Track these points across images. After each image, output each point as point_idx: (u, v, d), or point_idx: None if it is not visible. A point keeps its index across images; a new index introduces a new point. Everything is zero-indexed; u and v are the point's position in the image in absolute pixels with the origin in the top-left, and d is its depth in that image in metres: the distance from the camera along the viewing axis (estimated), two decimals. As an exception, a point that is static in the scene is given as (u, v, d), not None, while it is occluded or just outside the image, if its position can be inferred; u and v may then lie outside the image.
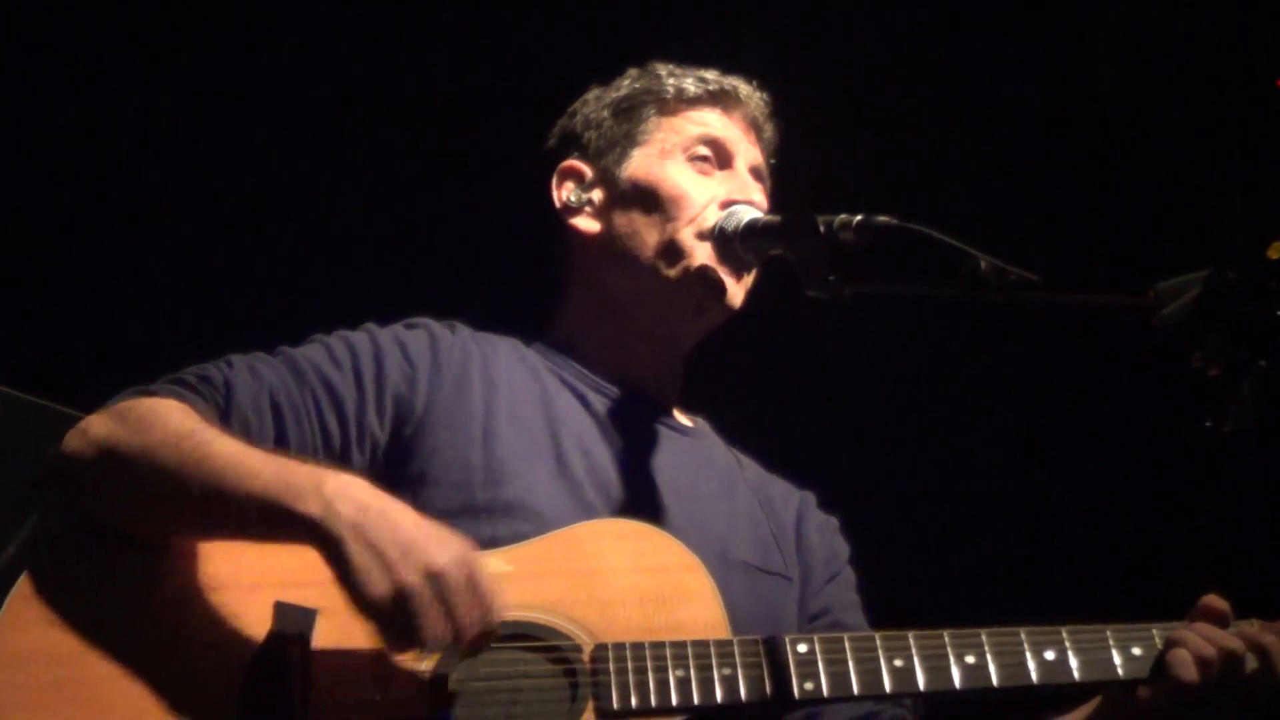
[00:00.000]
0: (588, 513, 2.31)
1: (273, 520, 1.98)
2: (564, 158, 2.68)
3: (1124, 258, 4.01)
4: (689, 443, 2.58)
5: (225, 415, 2.20)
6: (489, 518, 2.25)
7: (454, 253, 3.94)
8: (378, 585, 1.91)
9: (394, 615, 1.91)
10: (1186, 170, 4.13)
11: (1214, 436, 1.86)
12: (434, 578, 1.92)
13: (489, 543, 2.18)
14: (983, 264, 2.04)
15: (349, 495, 1.97)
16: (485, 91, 3.99)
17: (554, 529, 2.24)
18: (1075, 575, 4.18)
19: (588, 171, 2.64)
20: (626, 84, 2.72)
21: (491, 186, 3.64)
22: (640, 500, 2.38)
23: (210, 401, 2.21)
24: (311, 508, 1.95)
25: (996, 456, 4.29)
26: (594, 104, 2.72)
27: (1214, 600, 2.23)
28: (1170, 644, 2.18)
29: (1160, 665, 2.17)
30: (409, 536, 1.95)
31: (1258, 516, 4.02)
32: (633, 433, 2.49)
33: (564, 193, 2.64)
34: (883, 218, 2.17)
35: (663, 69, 2.72)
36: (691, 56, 2.77)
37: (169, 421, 2.10)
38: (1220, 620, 2.21)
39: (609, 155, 2.63)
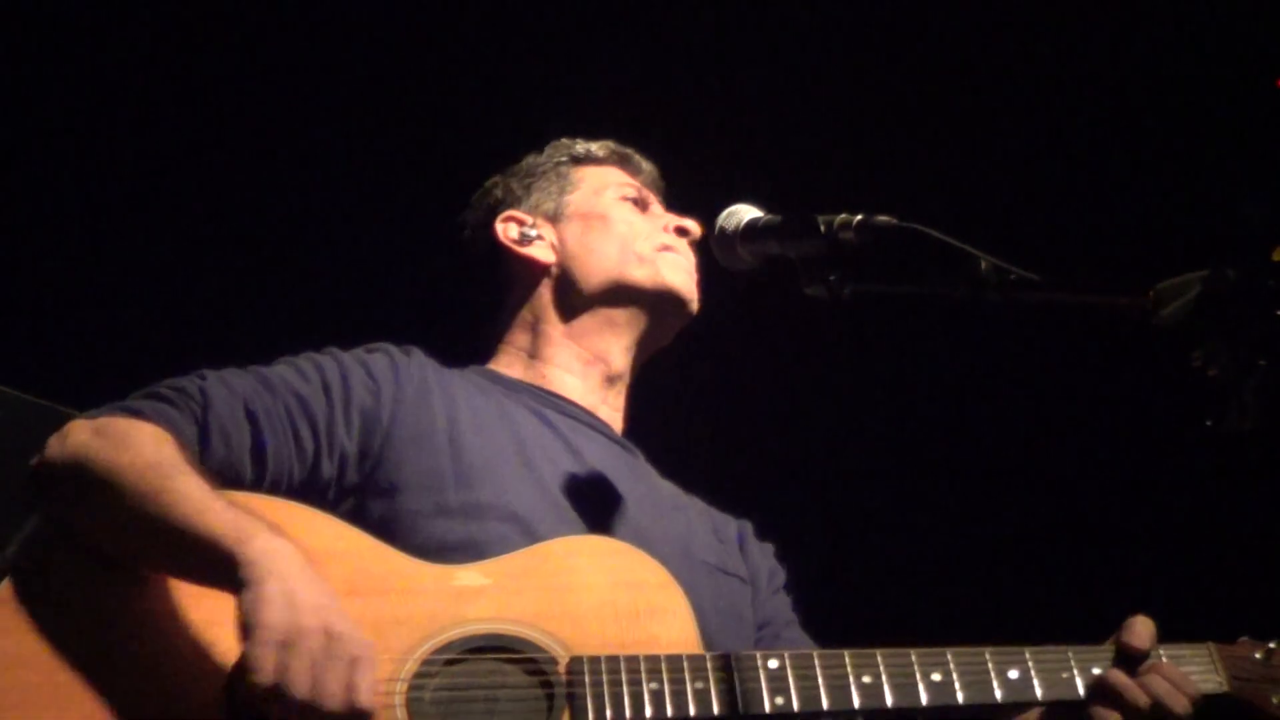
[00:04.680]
0: (558, 513, 2.36)
1: (213, 558, 1.98)
2: (490, 223, 2.77)
3: (1124, 258, 4.01)
4: (638, 461, 2.66)
5: (204, 425, 2.23)
6: (464, 518, 2.28)
7: (406, 288, 3.97)
8: (278, 616, 1.89)
9: (275, 649, 1.88)
10: (1186, 170, 4.14)
11: (1215, 437, 1.86)
12: (331, 640, 1.90)
13: (466, 543, 2.22)
14: (983, 264, 2.04)
15: (290, 554, 1.97)
16: (438, 125, 4.01)
17: (530, 528, 2.28)
18: (1072, 574, 4.18)
19: (527, 218, 2.76)
20: (529, 160, 2.84)
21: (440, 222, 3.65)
22: (606, 503, 2.44)
23: (188, 413, 2.23)
24: (252, 549, 1.96)
25: (996, 456, 4.30)
26: (504, 182, 2.83)
27: (1134, 636, 2.24)
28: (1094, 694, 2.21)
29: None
30: (329, 604, 1.94)
31: (1258, 515, 4.02)
32: (590, 446, 2.56)
33: (510, 231, 2.75)
34: (883, 218, 2.17)
35: (563, 140, 2.85)
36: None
37: (143, 447, 2.12)
38: (1139, 657, 2.23)
39: (545, 204, 2.77)
